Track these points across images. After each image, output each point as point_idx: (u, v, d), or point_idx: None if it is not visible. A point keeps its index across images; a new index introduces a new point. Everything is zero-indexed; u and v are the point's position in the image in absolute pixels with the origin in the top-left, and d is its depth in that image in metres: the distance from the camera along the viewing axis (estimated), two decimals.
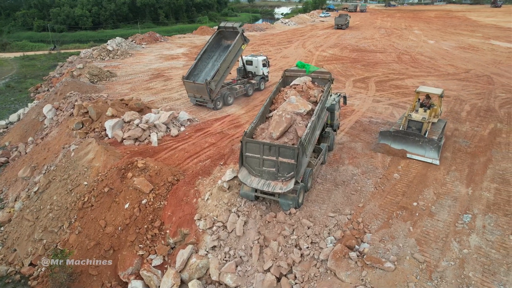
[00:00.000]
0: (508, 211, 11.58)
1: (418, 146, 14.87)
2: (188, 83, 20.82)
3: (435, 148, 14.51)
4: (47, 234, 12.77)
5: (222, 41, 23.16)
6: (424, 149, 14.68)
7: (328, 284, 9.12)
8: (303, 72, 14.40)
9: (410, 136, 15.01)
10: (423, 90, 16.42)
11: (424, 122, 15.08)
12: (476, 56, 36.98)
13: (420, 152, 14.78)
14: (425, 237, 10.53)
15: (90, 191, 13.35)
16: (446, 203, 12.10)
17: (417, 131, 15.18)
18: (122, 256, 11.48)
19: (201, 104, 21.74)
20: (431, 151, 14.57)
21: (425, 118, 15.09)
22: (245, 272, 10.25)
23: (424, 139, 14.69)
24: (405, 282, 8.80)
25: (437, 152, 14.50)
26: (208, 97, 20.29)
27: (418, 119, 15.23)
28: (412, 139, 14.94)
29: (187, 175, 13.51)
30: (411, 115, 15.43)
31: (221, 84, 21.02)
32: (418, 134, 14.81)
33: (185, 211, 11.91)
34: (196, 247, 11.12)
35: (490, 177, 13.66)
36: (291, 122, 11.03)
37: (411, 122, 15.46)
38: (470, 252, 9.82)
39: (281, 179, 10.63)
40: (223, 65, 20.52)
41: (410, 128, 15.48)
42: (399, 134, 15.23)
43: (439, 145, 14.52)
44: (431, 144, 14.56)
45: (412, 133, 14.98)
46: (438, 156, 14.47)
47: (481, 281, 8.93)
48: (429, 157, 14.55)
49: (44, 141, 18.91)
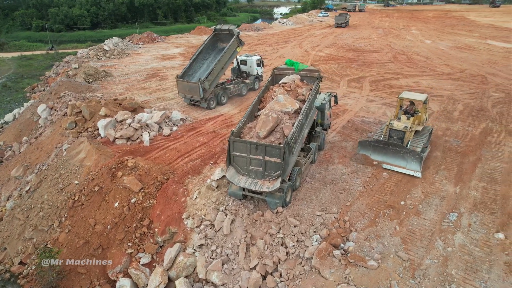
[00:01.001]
0: (494, 209, 11.67)
1: (399, 157, 13.92)
2: (181, 82, 20.87)
3: (417, 160, 13.52)
4: (37, 233, 12.85)
5: (217, 43, 23.32)
6: (406, 161, 13.77)
7: (312, 282, 9.20)
8: (292, 70, 14.44)
9: (390, 146, 14.07)
10: (406, 96, 15.49)
11: (406, 131, 14.06)
12: (472, 56, 37.05)
13: (402, 163, 13.85)
14: (410, 235, 10.61)
15: (80, 190, 13.42)
16: (433, 202, 12.18)
17: (398, 140, 14.25)
18: (111, 254, 11.56)
19: (194, 104, 21.80)
20: (413, 162, 13.61)
21: (407, 127, 14.06)
22: (232, 270, 10.33)
23: (406, 150, 13.74)
24: (388, 280, 8.88)
25: (419, 164, 13.54)
26: (199, 96, 20.28)
27: (399, 128, 14.20)
28: (393, 150, 14.01)
29: (177, 174, 13.59)
30: (392, 124, 14.40)
31: (215, 84, 21.11)
32: (399, 144, 13.90)
33: (174, 210, 11.99)
34: (184, 246, 11.20)
35: (478, 176, 13.75)
36: (277, 121, 11.10)
37: (392, 131, 14.43)
38: (454, 250, 9.90)
39: (268, 178, 10.70)
40: (218, 66, 20.63)
41: (391, 138, 14.50)
42: (379, 145, 14.32)
43: (421, 157, 13.53)
44: (413, 155, 13.59)
45: (393, 143, 14.06)
46: (420, 168, 13.51)
47: (463, 278, 9.01)
48: (410, 169, 13.62)
49: (38, 141, 18.99)
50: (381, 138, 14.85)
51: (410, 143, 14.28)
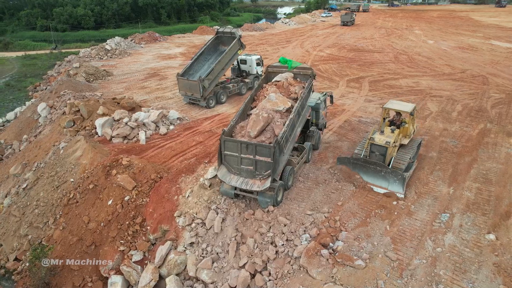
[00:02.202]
0: (487, 210, 11.62)
1: (380, 176, 12.54)
2: (182, 80, 21.13)
3: (399, 181, 12.17)
4: (33, 230, 13.01)
5: (219, 46, 23.64)
6: (387, 181, 12.42)
7: (300, 281, 9.23)
8: (286, 68, 14.44)
9: (371, 165, 12.70)
10: (390, 106, 14.16)
11: (388, 146, 12.54)
12: (474, 56, 36.79)
13: (383, 183, 12.51)
14: (401, 235, 10.59)
15: (76, 188, 13.56)
16: (426, 202, 12.15)
17: (380, 157, 12.78)
18: (103, 251, 11.67)
19: (194, 103, 21.96)
20: (395, 183, 12.27)
21: (390, 142, 12.52)
22: (221, 268, 10.39)
23: (387, 169, 12.34)
24: (375, 280, 8.88)
25: (401, 185, 12.16)
26: (199, 95, 20.50)
27: (381, 143, 12.63)
28: (374, 169, 12.64)
29: (171, 173, 13.68)
30: (374, 138, 12.85)
31: (215, 83, 21.31)
32: (379, 163, 12.48)
33: (166, 208, 12.08)
34: (175, 243, 11.28)
35: (473, 177, 13.68)
36: (268, 121, 11.14)
37: (373, 146, 12.84)
38: (443, 251, 9.88)
39: (259, 177, 10.74)
40: (218, 66, 20.92)
41: (372, 153, 12.99)
42: (358, 162, 13.03)
43: (404, 178, 12.13)
44: (395, 175, 12.21)
45: (373, 162, 12.67)
46: (403, 190, 12.16)
47: (451, 279, 8.98)
48: (392, 190, 12.32)
49: (37, 139, 19.20)
50: (362, 153, 13.55)
51: (393, 160, 12.88)
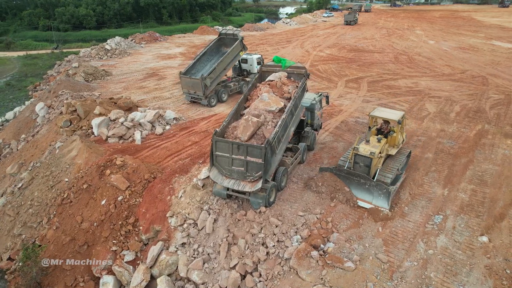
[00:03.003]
0: (481, 212, 11.53)
1: (364, 189, 11.75)
2: (185, 78, 21.53)
3: (384, 195, 11.37)
4: (26, 230, 13.05)
5: (221, 47, 24.08)
6: (372, 195, 11.62)
7: (290, 283, 9.19)
8: (279, 67, 14.38)
9: (354, 177, 11.92)
10: (377, 114, 13.41)
11: (373, 157, 11.70)
12: (474, 56, 36.58)
13: (367, 197, 11.70)
14: (393, 237, 10.53)
15: (70, 188, 13.59)
16: (419, 204, 12.08)
17: (365, 168, 11.96)
18: (95, 251, 11.68)
19: (196, 101, 22.29)
20: (380, 198, 11.46)
21: (374, 153, 11.65)
22: (212, 269, 10.36)
23: (371, 182, 11.54)
24: (364, 282, 8.82)
25: (386, 199, 11.34)
26: (201, 93, 20.93)
27: (365, 153, 11.79)
28: (357, 181, 11.86)
29: (165, 173, 13.67)
30: (358, 148, 12.01)
31: (217, 82, 21.73)
32: (363, 176, 11.70)
33: (159, 208, 12.07)
34: (167, 244, 11.27)
35: (468, 178, 13.59)
36: (258, 125, 11.04)
37: (358, 156, 12.04)
38: (435, 253, 9.81)
39: (250, 178, 10.69)
40: (220, 66, 21.38)
41: (357, 164, 12.17)
42: (342, 174, 12.19)
43: (389, 192, 11.27)
44: (380, 189, 11.40)
45: (356, 173, 11.89)
46: (388, 205, 11.33)
47: (441, 281, 8.92)
48: (377, 205, 11.50)
49: (34, 139, 19.26)
50: (346, 163, 12.79)
51: (378, 172, 12.06)
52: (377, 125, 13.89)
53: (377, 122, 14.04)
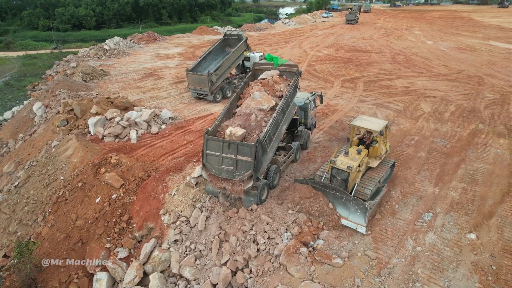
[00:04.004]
0: (470, 210, 11.66)
1: (340, 204, 10.94)
2: (191, 75, 22.40)
3: (361, 211, 10.50)
4: (22, 227, 13.20)
5: (226, 48, 25.07)
6: (348, 210, 10.80)
7: (279, 279, 9.33)
8: (272, 65, 14.53)
9: (330, 190, 11.13)
10: (358, 124, 12.49)
11: (350, 172, 10.93)
12: (472, 57, 36.70)
13: (344, 212, 10.88)
14: (382, 235, 10.66)
15: (65, 186, 13.74)
16: (410, 202, 12.21)
17: (342, 182, 11.19)
18: (90, 248, 11.83)
19: (201, 97, 23.01)
20: (356, 214, 10.60)
21: (352, 167, 10.90)
22: (204, 265, 10.51)
23: (347, 196, 10.75)
24: (352, 278, 8.96)
25: (363, 216, 10.46)
26: (208, 89, 21.77)
27: (342, 167, 11.02)
28: (333, 195, 11.05)
29: (159, 171, 13.82)
30: (335, 161, 11.27)
31: (222, 79, 22.61)
32: (338, 189, 10.93)
33: (152, 206, 12.21)
34: (160, 241, 11.41)
35: (459, 177, 13.72)
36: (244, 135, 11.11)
37: (335, 170, 11.27)
38: (423, 250, 9.94)
39: (239, 177, 10.74)
40: (225, 63, 22.44)
41: (334, 178, 11.39)
42: (317, 186, 11.44)
43: (366, 208, 10.39)
44: (356, 204, 10.57)
45: (331, 186, 11.09)
46: (365, 222, 10.45)
47: (428, 277, 9.05)
48: (353, 221, 10.64)
49: (31, 138, 19.41)
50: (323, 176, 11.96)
51: (357, 186, 11.28)
52: (360, 134, 13.19)
53: (359, 131, 13.21)
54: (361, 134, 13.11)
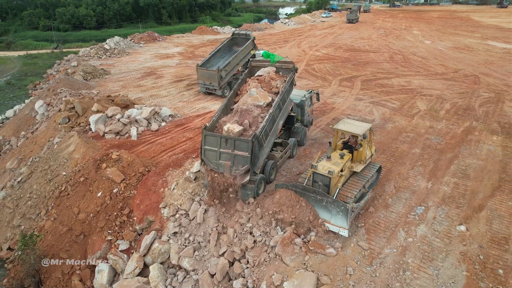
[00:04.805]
0: (461, 203, 12.01)
1: (322, 207, 10.62)
2: (201, 70, 23.36)
3: (343, 213, 10.16)
4: (25, 221, 13.55)
5: (233, 46, 26.30)
6: (330, 213, 10.46)
7: (275, 268, 9.67)
8: (268, 62, 14.88)
9: (311, 193, 10.78)
10: (341, 127, 12.11)
11: (331, 177, 10.69)
12: (469, 56, 37.04)
13: (326, 216, 10.58)
14: (375, 227, 10.99)
15: (67, 181, 14.09)
16: (403, 196, 12.55)
17: (324, 187, 10.95)
18: (91, 241, 12.18)
19: (210, 92, 23.91)
20: (338, 216, 10.26)
21: (333, 172, 10.63)
22: (202, 256, 10.85)
23: (328, 199, 10.43)
24: (345, 267, 9.30)
25: (345, 218, 10.13)
26: (217, 83, 22.73)
27: (323, 172, 10.79)
28: (314, 198, 10.70)
29: (159, 167, 14.16)
30: (317, 166, 10.99)
31: (230, 75, 23.49)
32: (319, 192, 10.59)
33: (152, 200, 12.56)
34: (160, 233, 11.75)
35: (452, 172, 14.07)
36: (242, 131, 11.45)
37: (316, 175, 11.06)
38: (414, 241, 10.28)
39: (236, 172, 11.07)
40: (234, 60, 23.54)
41: (315, 183, 11.23)
42: (297, 190, 11.06)
43: (347, 209, 10.03)
44: (338, 206, 10.24)
45: (312, 189, 10.78)
46: (347, 225, 10.12)
47: (418, 266, 9.39)
48: (335, 224, 10.35)
49: (33, 135, 19.76)
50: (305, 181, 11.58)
51: (339, 191, 10.95)
52: (345, 137, 12.87)
53: (344, 135, 12.84)
54: (346, 138, 12.80)
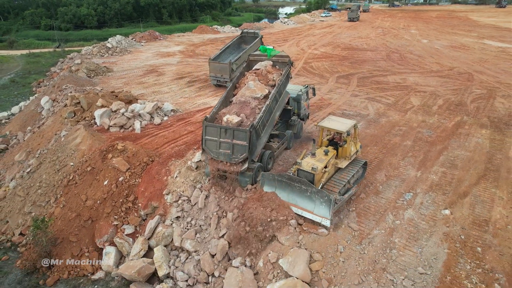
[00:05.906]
0: (447, 190, 12.74)
1: (305, 197, 10.85)
2: (213, 63, 25.05)
3: (326, 203, 10.35)
4: (36, 208, 14.28)
5: (242, 44, 28.06)
6: (314, 203, 10.69)
7: (271, 247, 10.39)
8: (266, 56, 15.61)
9: (296, 183, 11.03)
10: (325, 125, 12.40)
11: (315, 173, 11.05)
12: (464, 55, 37.78)
13: (309, 206, 10.77)
14: (365, 211, 11.72)
15: (75, 171, 14.81)
16: (393, 184, 13.28)
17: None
18: (99, 225, 12.90)
19: (221, 85, 25.34)
20: (321, 206, 10.48)
21: (316, 168, 11.01)
22: (203, 238, 11.59)
23: (313, 189, 10.68)
24: (336, 245, 10.02)
25: (328, 208, 10.33)
26: (228, 76, 24.12)
27: (307, 169, 11.18)
28: (299, 188, 10.96)
29: (162, 157, 14.89)
30: (301, 163, 11.46)
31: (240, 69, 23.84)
32: (304, 181, 10.86)
33: (156, 187, 13.29)
34: (163, 218, 12.49)
35: (441, 163, 14.80)
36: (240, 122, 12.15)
37: (300, 171, 11.45)
38: (401, 223, 11.01)
39: (235, 160, 11.79)
40: (244, 55, 24.44)
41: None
42: (283, 180, 11.26)
43: (330, 200, 10.22)
44: (321, 196, 10.45)
45: (297, 179, 11.03)
46: (330, 215, 10.28)
47: (404, 245, 10.12)
48: (318, 214, 10.54)
49: (40, 129, 20.48)
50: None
51: (322, 186, 11.44)
52: (330, 134, 13.19)
53: (330, 132, 13.12)
54: (331, 135, 13.06)
